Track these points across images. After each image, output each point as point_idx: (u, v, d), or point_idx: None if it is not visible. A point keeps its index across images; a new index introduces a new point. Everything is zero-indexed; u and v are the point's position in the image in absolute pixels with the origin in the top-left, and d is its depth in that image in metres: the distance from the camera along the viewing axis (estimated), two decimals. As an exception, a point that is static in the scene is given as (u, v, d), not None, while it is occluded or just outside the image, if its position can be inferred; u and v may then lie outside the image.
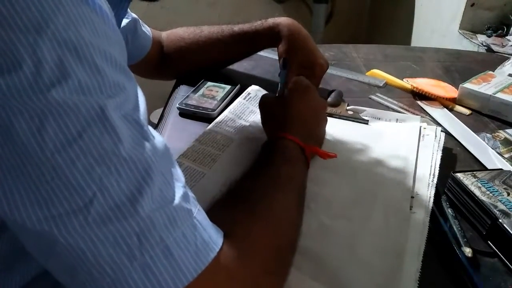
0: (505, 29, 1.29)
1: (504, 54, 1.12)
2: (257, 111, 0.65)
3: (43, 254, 0.30)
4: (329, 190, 0.55)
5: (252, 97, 0.74)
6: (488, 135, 0.69)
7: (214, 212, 0.37)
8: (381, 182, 0.56)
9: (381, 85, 0.86)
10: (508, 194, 0.50)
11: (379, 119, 0.70)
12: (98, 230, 0.28)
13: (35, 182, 0.27)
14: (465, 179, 0.53)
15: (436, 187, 0.54)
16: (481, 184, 0.52)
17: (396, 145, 0.62)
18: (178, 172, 0.34)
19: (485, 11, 1.34)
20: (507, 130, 0.71)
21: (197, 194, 0.35)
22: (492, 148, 0.66)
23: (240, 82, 0.79)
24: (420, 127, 0.66)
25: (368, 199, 0.53)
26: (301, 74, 0.71)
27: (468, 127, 0.72)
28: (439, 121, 0.73)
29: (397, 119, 0.70)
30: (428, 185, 0.55)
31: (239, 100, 0.72)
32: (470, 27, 1.37)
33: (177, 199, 0.32)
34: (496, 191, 0.51)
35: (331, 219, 0.50)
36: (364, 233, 0.48)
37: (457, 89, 0.81)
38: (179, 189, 0.33)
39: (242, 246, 0.35)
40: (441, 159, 0.59)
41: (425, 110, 0.77)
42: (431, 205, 0.52)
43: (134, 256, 0.29)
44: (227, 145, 0.62)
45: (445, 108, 0.78)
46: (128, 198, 0.29)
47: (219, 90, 0.77)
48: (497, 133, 0.70)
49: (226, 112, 0.69)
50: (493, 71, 0.88)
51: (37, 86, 0.26)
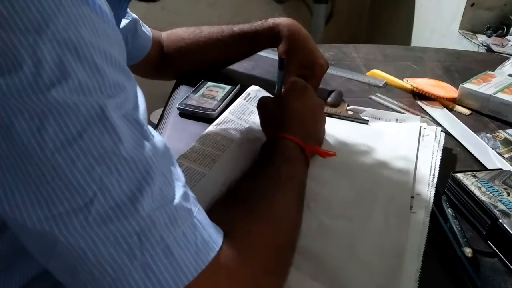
0: (505, 29, 1.29)
1: (504, 54, 1.12)
2: (257, 112, 0.65)
3: (44, 254, 0.30)
4: (329, 190, 0.55)
5: (252, 98, 0.74)
6: (488, 135, 0.69)
7: (214, 212, 0.37)
8: (381, 182, 0.56)
9: (381, 85, 0.86)
10: (508, 194, 0.50)
11: (379, 119, 0.70)
12: (99, 230, 0.28)
13: (36, 182, 0.27)
14: (465, 179, 0.53)
15: (436, 187, 0.54)
16: (481, 184, 0.52)
17: (396, 145, 0.62)
18: (178, 172, 0.35)
19: (485, 11, 1.34)
20: (507, 130, 0.71)
21: (197, 194, 0.36)
22: (492, 148, 0.66)
23: (240, 82, 0.79)
24: (420, 127, 0.66)
25: (368, 199, 0.53)
26: (301, 74, 0.72)
27: (468, 127, 0.72)
28: (439, 121, 0.73)
29: (397, 119, 0.70)
30: (428, 185, 0.55)
31: (239, 101, 0.72)
32: (470, 27, 1.37)
33: (178, 199, 0.32)
34: (496, 191, 0.51)
35: (331, 219, 0.50)
36: (364, 233, 0.48)
37: (457, 89, 0.81)
38: (179, 189, 0.33)
39: (242, 246, 0.35)
40: (441, 159, 0.59)
41: (425, 110, 0.77)
42: (431, 205, 0.52)
43: (135, 256, 0.29)
44: (227, 146, 0.62)
45: (445, 108, 0.78)
46: (129, 198, 0.29)
47: (219, 90, 0.77)
48: (497, 133, 0.70)
49: (226, 113, 0.69)
50: (493, 71, 0.88)
51: (37, 86, 0.27)
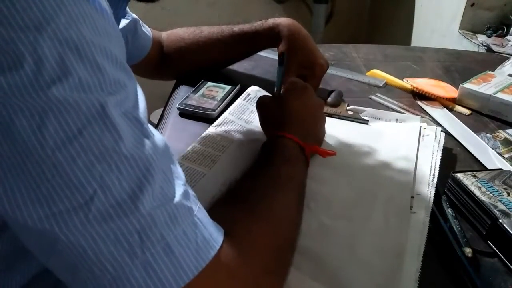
0: (505, 29, 1.29)
1: (504, 54, 1.12)
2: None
3: (44, 253, 0.30)
4: (329, 190, 0.55)
5: (252, 98, 0.74)
6: (488, 135, 0.69)
7: (214, 212, 0.36)
8: (381, 182, 0.56)
9: (381, 85, 0.86)
10: (508, 194, 0.50)
11: (379, 119, 0.70)
12: (99, 228, 0.28)
13: (36, 180, 0.27)
14: (465, 179, 0.53)
15: (436, 187, 0.54)
16: (481, 184, 0.52)
17: (396, 145, 0.62)
18: (179, 170, 0.34)
19: (485, 11, 1.35)
20: (507, 130, 0.71)
21: (197, 194, 0.35)
22: (492, 148, 0.66)
23: (240, 83, 0.79)
24: (420, 127, 0.66)
25: (368, 199, 0.53)
26: (301, 74, 0.72)
27: (468, 127, 0.72)
28: (439, 121, 0.73)
29: (397, 119, 0.70)
30: (428, 185, 0.55)
31: (239, 101, 0.72)
32: (470, 27, 1.37)
33: (178, 197, 0.32)
34: (496, 191, 0.51)
35: (331, 219, 0.50)
36: (364, 233, 0.48)
37: (457, 89, 0.81)
38: (180, 187, 0.33)
39: (242, 245, 0.35)
40: (441, 159, 0.59)
41: (425, 110, 0.77)
42: (431, 205, 0.51)
43: (135, 254, 0.29)
44: (227, 146, 0.62)
45: (445, 108, 0.78)
46: (129, 196, 0.29)
47: (219, 90, 0.77)
48: (497, 133, 0.70)
49: (226, 114, 0.69)
50: (493, 71, 0.88)
51: (38, 84, 0.27)
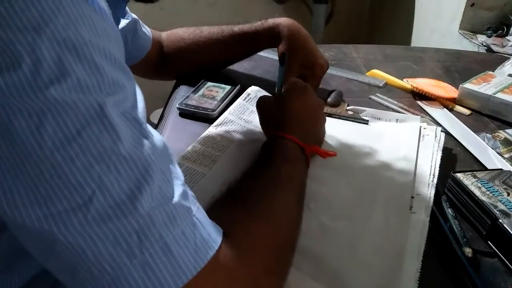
0: (505, 29, 1.29)
1: (504, 54, 1.12)
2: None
3: (43, 253, 0.30)
4: (329, 190, 0.55)
5: (252, 98, 0.74)
6: (488, 135, 0.69)
7: (214, 212, 0.36)
8: (381, 182, 0.56)
9: (381, 85, 0.86)
10: (508, 194, 0.50)
11: (379, 119, 0.70)
12: (98, 228, 0.28)
13: (34, 181, 0.27)
14: (465, 179, 0.53)
15: (436, 187, 0.54)
16: (481, 184, 0.52)
17: (396, 145, 0.62)
18: (177, 170, 0.34)
19: (485, 11, 1.34)
20: (507, 130, 0.71)
21: (197, 194, 0.35)
22: (492, 148, 0.66)
23: (240, 83, 0.79)
24: (420, 127, 0.66)
25: (368, 199, 0.53)
26: (301, 74, 0.72)
27: (468, 127, 0.72)
28: (439, 121, 0.73)
29: (397, 119, 0.70)
30: (428, 185, 0.55)
31: (239, 101, 0.72)
32: (470, 27, 1.37)
33: (177, 197, 0.32)
34: (496, 191, 0.51)
35: (331, 219, 0.50)
36: (364, 233, 0.48)
37: (457, 89, 0.81)
38: (178, 187, 0.33)
39: (241, 245, 0.35)
40: (441, 159, 0.59)
41: (425, 110, 0.77)
42: (431, 205, 0.51)
43: (134, 254, 0.29)
44: (227, 146, 0.62)
45: (445, 108, 0.78)
46: (128, 196, 0.29)
47: (219, 91, 0.77)
48: (497, 133, 0.70)
49: (226, 114, 0.69)
50: (493, 71, 0.88)
51: (36, 85, 0.27)
